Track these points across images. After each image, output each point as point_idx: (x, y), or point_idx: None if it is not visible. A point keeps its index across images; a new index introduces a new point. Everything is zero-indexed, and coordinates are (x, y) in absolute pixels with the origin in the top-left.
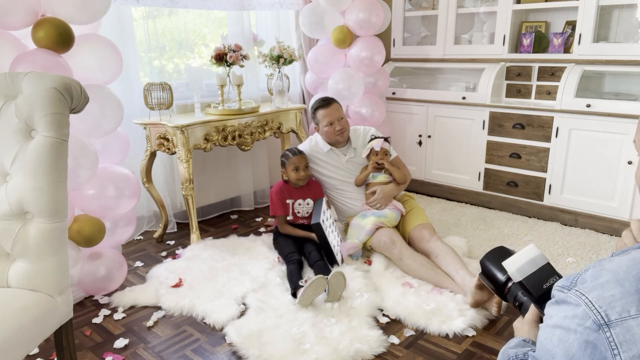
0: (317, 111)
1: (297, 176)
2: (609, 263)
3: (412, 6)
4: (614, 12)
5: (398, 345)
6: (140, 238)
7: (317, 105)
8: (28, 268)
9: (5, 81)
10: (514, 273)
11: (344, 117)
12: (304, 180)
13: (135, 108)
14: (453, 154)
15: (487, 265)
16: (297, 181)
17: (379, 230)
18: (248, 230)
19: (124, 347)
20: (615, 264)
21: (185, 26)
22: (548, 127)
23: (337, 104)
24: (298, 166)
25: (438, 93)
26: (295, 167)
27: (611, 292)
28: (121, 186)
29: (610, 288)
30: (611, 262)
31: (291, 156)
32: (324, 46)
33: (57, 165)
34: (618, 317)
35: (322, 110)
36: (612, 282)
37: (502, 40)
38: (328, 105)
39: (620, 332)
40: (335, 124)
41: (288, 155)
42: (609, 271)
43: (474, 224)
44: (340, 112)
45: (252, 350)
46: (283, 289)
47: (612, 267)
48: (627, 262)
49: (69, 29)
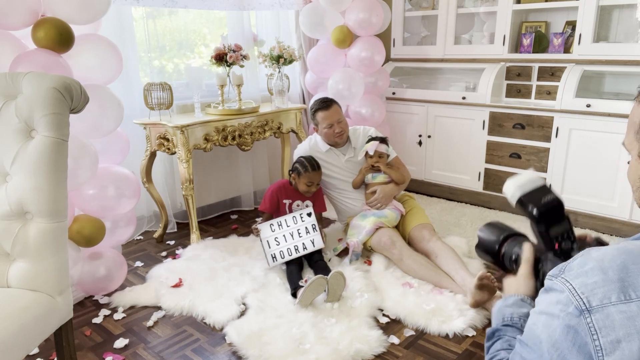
0: (316, 113)
1: (307, 190)
2: (596, 252)
3: (412, 6)
4: (614, 12)
5: (398, 345)
6: (140, 238)
7: (316, 107)
8: (28, 268)
9: (5, 81)
10: (514, 191)
11: (343, 120)
12: (311, 193)
13: (135, 108)
14: (453, 154)
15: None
16: (305, 193)
17: (379, 231)
18: (248, 230)
19: (124, 347)
20: (602, 252)
21: (185, 26)
22: (548, 127)
23: (337, 106)
24: (312, 182)
25: (438, 93)
26: (310, 182)
27: (594, 279)
28: (121, 186)
29: (594, 275)
30: (598, 251)
31: (310, 170)
32: (324, 46)
33: (57, 165)
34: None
35: (322, 113)
36: (595, 270)
37: (502, 40)
38: (327, 107)
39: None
40: (335, 126)
41: (307, 167)
42: (594, 259)
43: (474, 224)
44: (340, 114)
45: (252, 350)
46: (283, 289)
47: (598, 255)
48: (612, 251)
49: (69, 29)
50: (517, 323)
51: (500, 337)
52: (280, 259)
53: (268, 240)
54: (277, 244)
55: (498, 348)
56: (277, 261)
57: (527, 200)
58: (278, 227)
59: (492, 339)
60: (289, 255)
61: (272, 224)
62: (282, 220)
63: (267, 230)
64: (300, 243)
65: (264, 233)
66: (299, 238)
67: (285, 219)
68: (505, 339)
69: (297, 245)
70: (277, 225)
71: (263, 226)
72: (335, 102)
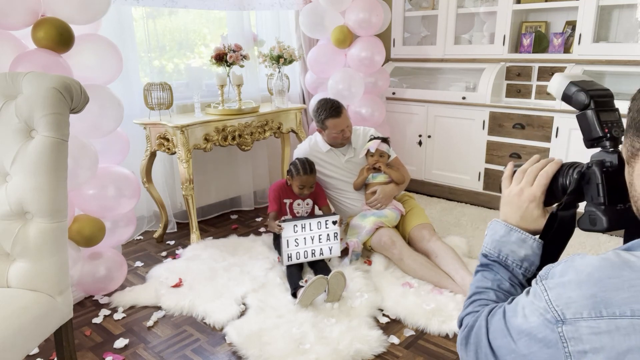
0: (327, 120)
1: (300, 192)
2: (581, 260)
3: (412, 6)
4: (614, 12)
5: (398, 345)
6: (140, 238)
7: (326, 114)
8: (28, 268)
9: (5, 81)
10: (561, 79)
11: (350, 123)
12: (305, 195)
13: (135, 108)
14: (453, 154)
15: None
16: (299, 193)
17: (379, 230)
18: (248, 230)
19: (124, 347)
20: (585, 262)
21: (185, 26)
22: (548, 127)
23: (345, 110)
24: (304, 185)
25: (438, 93)
26: (302, 185)
27: (569, 294)
28: (121, 186)
29: (570, 289)
30: (582, 260)
31: (302, 174)
32: (324, 46)
33: (57, 165)
34: (572, 317)
35: (334, 120)
36: (572, 283)
37: (502, 40)
38: (339, 114)
39: (570, 330)
40: (345, 131)
41: (299, 171)
42: (574, 270)
43: (474, 224)
44: (348, 119)
45: (252, 350)
46: (283, 289)
47: (579, 265)
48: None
49: (69, 29)
50: (510, 266)
51: (488, 277)
52: (295, 260)
53: (288, 240)
54: (295, 245)
55: (486, 286)
56: (292, 261)
57: (578, 86)
58: (302, 229)
59: (482, 270)
60: (305, 257)
61: (296, 224)
62: (307, 223)
63: (290, 230)
64: (318, 248)
65: (286, 232)
66: (319, 243)
67: (310, 223)
68: (495, 282)
69: (315, 250)
70: (301, 227)
71: (287, 225)
72: (343, 107)
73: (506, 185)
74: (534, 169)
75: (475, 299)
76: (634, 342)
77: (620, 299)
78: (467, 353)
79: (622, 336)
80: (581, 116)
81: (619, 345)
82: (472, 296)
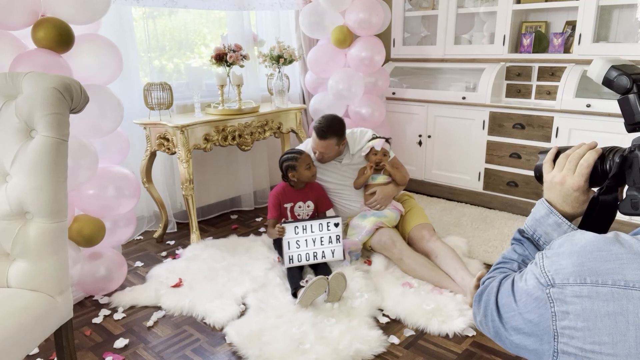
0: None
1: (310, 173)
2: (580, 235)
3: (412, 6)
4: (614, 12)
5: (398, 345)
6: (140, 238)
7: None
8: (28, 268)
9: (5, 81)
10: (602, 63)
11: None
12: (315, 176)
13: (135, 108)
14: (453, 154)
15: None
16: (311, 177)
17: (379, 231)
18: (248, 230)
19: (124, 347)
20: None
21: (185, 26)
22: (548, 127)
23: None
24: (309, 163)
25: (438, 93)
26: (308, 164)
27: (561, 262)
28: (121, 186)
29: (563, 258)
30: (582, 235)
31: (301, 155)
32: (324, 46)
33: (57, 165)
34: (560, 282)
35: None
36: (566, 254)
37: (502, 40)
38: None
39: (556, 292)
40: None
41: (296, 156)
42: (570, 243)
43: (474, 224)
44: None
45: (252, 350)
46: (283, 289)
47: (576, 240)
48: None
49: (69, 29)
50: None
51: (518, 250)
52: (297, 262)
53: (289, 241)
54: (297, 247)
55: (513, 258)
56: (294, 264)
57: (619, 70)
58: (303, 230)
59: (515, 243)
60: (307, 260)
61: (297, 226)
62: (309, 225)
63: (291, 232)
64: (320, 251)
65: (287, 234)
66: (321, 246)
67: (311, 224)
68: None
69: (317, 252)
70: (302, 229)
71: (288, 226)
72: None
73: (547, 169)
74: (576, 156)
75: (499, 266)
76: (612, 307)
77: (605, 269)
78: (479, 308)
79: (602, 302)
80: (623, 100)
81: (597, 309)
82: (499, 264)
